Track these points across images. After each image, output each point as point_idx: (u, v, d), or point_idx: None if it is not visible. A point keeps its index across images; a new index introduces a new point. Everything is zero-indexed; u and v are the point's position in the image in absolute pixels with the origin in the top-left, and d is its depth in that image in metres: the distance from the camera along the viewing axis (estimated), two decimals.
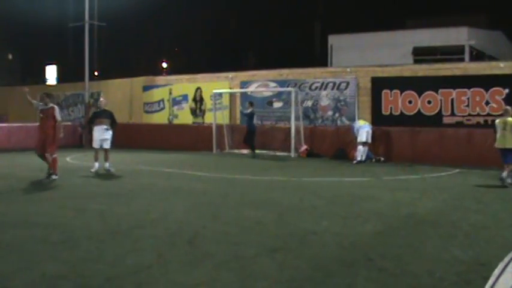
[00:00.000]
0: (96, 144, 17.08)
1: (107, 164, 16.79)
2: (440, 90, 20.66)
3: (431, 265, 6.90)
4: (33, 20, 52.71)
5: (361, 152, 19.78)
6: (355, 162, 19.61)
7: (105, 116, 17.11)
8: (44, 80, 48.90)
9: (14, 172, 17.01)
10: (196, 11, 62.80)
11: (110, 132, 16.99)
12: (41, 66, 54.44)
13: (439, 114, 20.64)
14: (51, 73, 50.11)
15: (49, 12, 46.57)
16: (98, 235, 8.52)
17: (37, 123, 15.55)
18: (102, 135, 16.90)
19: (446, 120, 20.54)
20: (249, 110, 22.58)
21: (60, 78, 47.03)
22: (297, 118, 22.67)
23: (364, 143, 19.84)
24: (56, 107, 15.14)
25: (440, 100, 20.65)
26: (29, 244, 7.73)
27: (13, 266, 6.81)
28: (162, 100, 28.85)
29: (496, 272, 6.55)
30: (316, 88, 23.70)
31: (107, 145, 16.95)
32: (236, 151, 24.10)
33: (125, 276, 6.49)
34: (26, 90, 15.04)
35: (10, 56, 72.08)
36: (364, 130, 19.82)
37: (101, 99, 18.77)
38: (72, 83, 34.58)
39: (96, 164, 16.82)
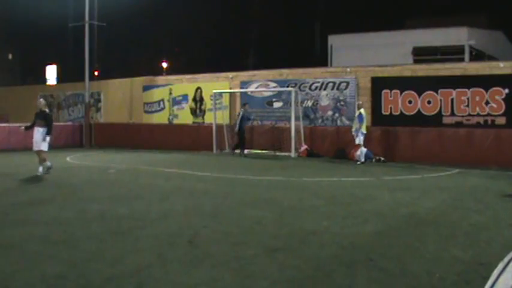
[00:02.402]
0: (34, 146, 16.40)
1: (40, 168, 16.25)
2: (440, 90, 20.66)
3: (431, 265, 6.91)
4: (33, 19, 52.75)
5: (363, 153, 19.75)
6: (359, 163, 19.57)
7: (40, 117, 16.44)
8: (44, 79, 48.88)
9: (14, 172, 17.00)
10: (196, 11, 62.80)
11: (45, 134, 16.13)
12: (41, 66, 54.45)
13: (439, 114, 20.64)
14: (51, 73, 50.11)
15: (49, 12, 46.58)
16: (98, 235, 8.53)
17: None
18: (36, 137, 16.21)
19: (446, 120, 20.54)
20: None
21: (61, 78, 47.02)
22: (297, 118, 22.67)
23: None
24: None
25: (440, 100, 20.65)
26: (30, 244, 7.74)
27: (13, 266, 6.82)
28: (162, 100, 28.85)
29: (496, 272, 6.55)
30: (316, 88, 23.70)
31: (43, 147, 16.17)
32: (236, 151, 24.11)
33: (125, 276, 6.50)
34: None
35: (10, 56, 72.13)
36: (363, 137, 19.70)
37: (40, 99, 17.63)
38: (72, 83, 34.60)
39: (49, 163, 16.34)
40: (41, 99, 17.50)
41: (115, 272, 6.62)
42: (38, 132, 16.16)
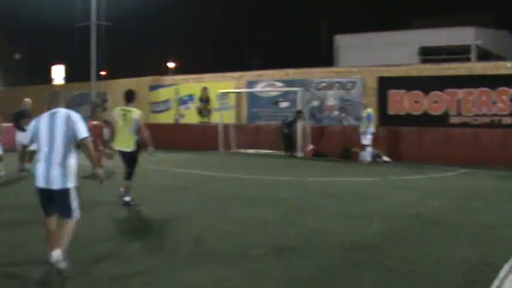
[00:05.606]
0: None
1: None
2: (446, 90, 20.63)
3: (437, 265, 6.92)
4: (40, 20, 52.82)
5: (370, 153, 19.69)
6: (365, 163, 19.49)
7: (31, 117, 14.88)
8: (51, 79, 48.95)
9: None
10: (202, 11, 62.87)
11: None
12: (48, 66, 54.53)
13: (446, 114, 20.60)
14: (57, 73, 50.11)
15: (56, 12, 46.66)
16: (105, 235, 8.56)
17: None
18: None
19: (452, 120, 20.51)
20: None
21: (68, 77, 47.09)
22: (303, 118, 22.65)
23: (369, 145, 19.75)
24: None
25: (447, 100, 20.61)
26: (35, 243, 7.76)
27: (19, 265, 6.86)
28: (169, 100, 28.89)
29: (502, 272, 6.56)
30: (322, 88, 23.71)
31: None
32: (242, 151, 24.11)
33: (131, 275, 6.53)
34: None
35: (17, 56, 72.29)
36: (370, 136, 19.63)
37: (26, 99, 17.35)
38: (79, 83, 34.65)
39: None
40: (28, 99, 17.28)
41: (122, 272, 6.66)
42: None
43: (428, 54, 34.21)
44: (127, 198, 11.16)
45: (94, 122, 17.75)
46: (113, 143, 11.64)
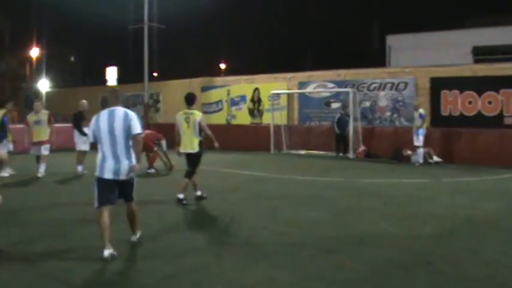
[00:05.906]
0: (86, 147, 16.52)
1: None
2: (501, 91, 20.23)
3: (491, 269, 6.81)
4: (94, 23, 53.86)
5: (422, 154, 19.50)
6: (417, 164, 19.31)
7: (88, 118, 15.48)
8: (104, 81, 49.87)
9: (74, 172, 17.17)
10: (254, 12, 63.10)
11: None
12: (102, 68, 55.54)
13: (500, 115, 20.22)
14: (111, 74, 50.96)
15: (110, 15, 47.51)
16: (156, 234, 8.68)
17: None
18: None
19: (507, 121, 20.10)
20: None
21: (121, 79, 47.88)
22: (355, 119, 22.53)
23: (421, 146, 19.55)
24: None
25: (502, 100, 20.22)
26: (90, 241, 7.92)
27: (76, 262, 7.01)
28: (221, 101, 29.04)
29: None
30: (374, 88, 23.51)
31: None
32: (293, 151, 24.09)
33: (182, 274, 6.62)
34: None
35: (72, 58, 73.87)
36: (422, 137, 19.45)
37: (83, 101, 17.58)
38: (132, 84, 35.12)
39: (80, 168, 16.56)
40: (84, 101, 17.61)
41: (173, 270, 6.76)
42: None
43: (481, 54, 33.65)
44: (181, 196, 11.47)
45: (148, 131, 18.14)
46: (178, 147, 11.88)
